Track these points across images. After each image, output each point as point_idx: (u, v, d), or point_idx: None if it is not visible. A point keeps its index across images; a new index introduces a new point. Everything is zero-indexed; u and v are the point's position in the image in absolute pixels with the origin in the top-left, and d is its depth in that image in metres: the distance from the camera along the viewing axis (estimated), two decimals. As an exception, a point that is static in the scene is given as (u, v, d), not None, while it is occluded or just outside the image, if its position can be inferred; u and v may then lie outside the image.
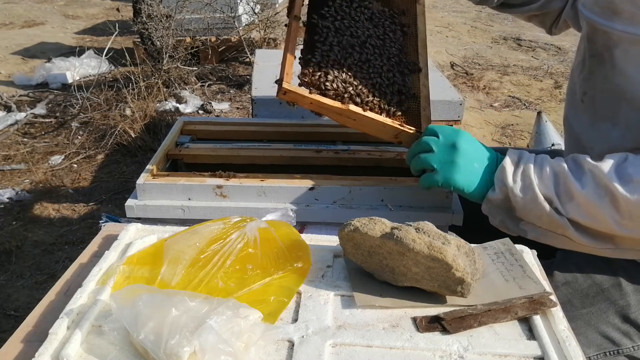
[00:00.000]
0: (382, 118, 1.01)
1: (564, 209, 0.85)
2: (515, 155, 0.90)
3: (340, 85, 0.99)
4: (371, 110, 1.01)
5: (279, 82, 0.96)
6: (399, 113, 1.03)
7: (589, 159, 0.85)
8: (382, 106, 1.02)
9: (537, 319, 0.71)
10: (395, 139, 1.05)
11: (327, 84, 0.98)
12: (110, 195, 2.56)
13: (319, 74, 0.98)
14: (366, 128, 1.04)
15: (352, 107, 0.99)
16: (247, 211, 1.05)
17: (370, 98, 1.01)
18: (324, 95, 0.98)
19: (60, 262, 2.11)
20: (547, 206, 0.85)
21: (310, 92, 0.97)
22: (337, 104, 0.98)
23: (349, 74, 1.01)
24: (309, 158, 1.21)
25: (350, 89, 1.00)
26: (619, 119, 0.94)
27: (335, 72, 0.99)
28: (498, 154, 0.94)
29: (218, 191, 1.06)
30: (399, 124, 1.01)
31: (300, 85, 0.98)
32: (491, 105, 3.62)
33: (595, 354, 0.97)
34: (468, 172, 0.91)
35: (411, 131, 1.02)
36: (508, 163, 0.89)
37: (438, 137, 0.94)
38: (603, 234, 0.85)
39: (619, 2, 0.87)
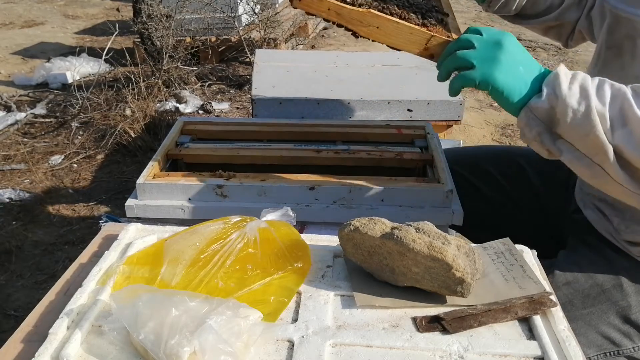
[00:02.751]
0: (409, 23, 0.91)
1: (613, 134, 0.78)
2: (567, 68, 0.83)
3: None
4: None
5: None
6: (425, 22, 0.95)
7: None
8: (406, 16, 0.94)
9: (537, 319, 0.71)
10: (425, 51, 0.94)
11: None
12: (110, 195, 2.56)
13: None
14: (392, 38, 0.94)
15: (375, 11, 0.90)
16: (247, 211, 1.05)
17: (393, 8, 0.93)
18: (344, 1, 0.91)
19: (60, 262, 2.11)
20: (598, 124, 0.77)
21: None
22: (358, 8, 0.91)
23: None
24: (309, 158, 1.21)
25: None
26: None
27: None
28: (547, 68, 0.85)
29: (218, 191, 1.06)
30: (427, 29, 0.92)
31: None
32: (491, 105, 3.62)
33: (596, 355, 0.97)
34: (511, 74, 0.82)
35: (445, 37, 0.92)
36: (563, 72, 0.81)
37: (481, 34, 0.85)
38: None
39: None
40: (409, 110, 1.60)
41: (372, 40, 0.96)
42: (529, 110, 0.82)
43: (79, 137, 3.07)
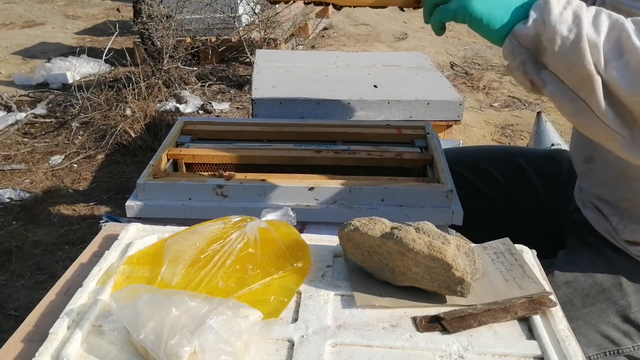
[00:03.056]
0: None
1: (606, 66, 0.71)
2: None
3: None
4: None
5: None
6: None
7: None
8: None
9: (537, 319, 0.71)
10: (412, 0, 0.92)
11: None
12: (110, 195, 2.56)
13: None
14: None
15: None
16: (247, 211, 1.05)
17: None
18: None
19: (61, 262, 2.11)
20: (588, 54, 0.71)
21: None
22: None
23: None
24: (309, 158, 1.21)
25: None
26: None
27: None
28: None
29: (218, 191, 1.06)
30: None
31: None
32: (491, 105, 3.62)
33: (595, 354, 0.97)
34: (490, 0, 0.78)
35: None
36: None
37: None
38: (629, 114, 0.73)
39: None
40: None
41: (354, 7, 0.95)
42: (513, 37, 0.77)
43: (79, 137, 3.07)
